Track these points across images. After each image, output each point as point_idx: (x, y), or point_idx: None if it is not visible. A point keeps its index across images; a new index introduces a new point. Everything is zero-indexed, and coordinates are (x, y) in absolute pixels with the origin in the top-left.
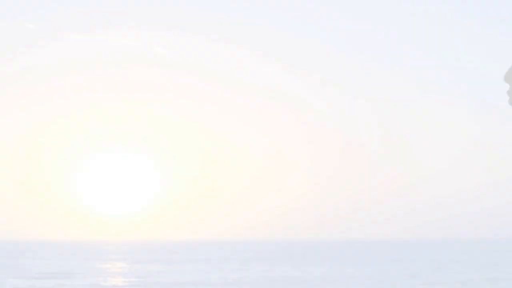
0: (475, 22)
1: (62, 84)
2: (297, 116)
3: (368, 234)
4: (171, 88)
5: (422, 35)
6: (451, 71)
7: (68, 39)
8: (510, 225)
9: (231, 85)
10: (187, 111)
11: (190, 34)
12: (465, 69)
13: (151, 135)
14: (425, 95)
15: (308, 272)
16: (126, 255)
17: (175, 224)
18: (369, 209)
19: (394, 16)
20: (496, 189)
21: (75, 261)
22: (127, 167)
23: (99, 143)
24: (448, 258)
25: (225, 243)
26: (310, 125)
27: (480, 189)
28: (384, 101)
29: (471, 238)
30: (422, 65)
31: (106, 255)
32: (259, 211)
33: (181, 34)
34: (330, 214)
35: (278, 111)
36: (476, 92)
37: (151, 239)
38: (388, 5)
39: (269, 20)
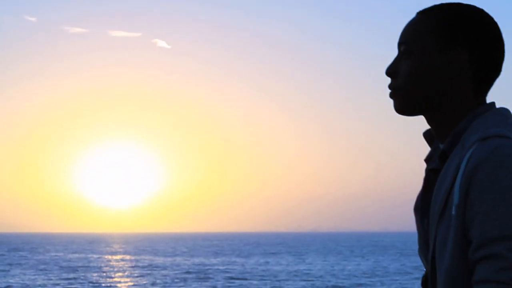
0: None
1: (63, 76)
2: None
3: None
4: (173, 81)
5: None
6: None
7: (69, 33)
8: None
9: (237, 79)
10: (192, 105)
11: (194, 27)
12: None
13: (155, 128)
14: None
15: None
16: (133, 248)
17: (177, 217)
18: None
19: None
20: None
21: (87, 254)
22: (130, 160)
23: (101, 136)
24: None
25: (228, 236)
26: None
27: None
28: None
29: None
30: None
31: (111, 248)
32: (263, 204)
33: (184, 27)
34: None
35: (289, 105)
36: None
37: (155, 232)
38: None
39: (270, 15)
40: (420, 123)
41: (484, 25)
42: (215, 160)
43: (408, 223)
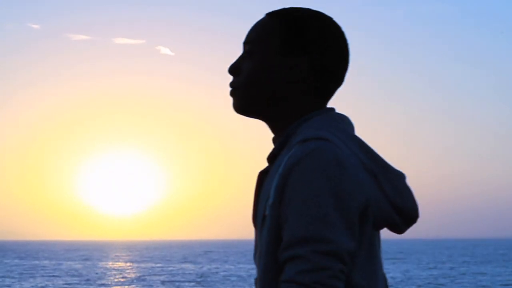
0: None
1: (66, 83)
2: None
3: None
4: (177, 88)
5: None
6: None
7: (72, 40)
8: None
9: None
10: (195, 112)
11: (197, 34)
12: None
13: (158, 135)
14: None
15: None
16: (135, 257)
17: (180, 225)
18: None
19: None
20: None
21: (91, 262)
22: (132, 168)
23: (104, 144)
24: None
25: (229, 243)
26: None
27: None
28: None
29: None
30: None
31: (114, 256)
32: None
33: (188, 34)
34: None
35: None
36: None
37: (158, 240)
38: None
39: None
40: (420, 127)
41: (328, 35)
42: (217, 167)
43: (413, 229)
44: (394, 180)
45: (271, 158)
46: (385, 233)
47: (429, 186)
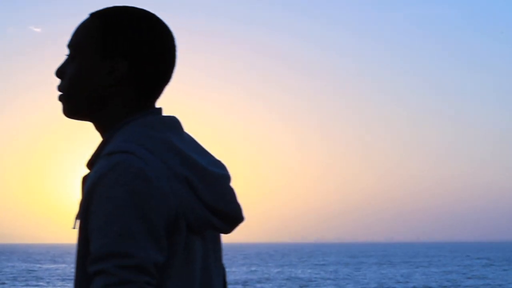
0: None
1: None
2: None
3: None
4: (177, 90)
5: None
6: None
7: None
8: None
9: (238, 90)
10: (192, 115)
11: (196, 38)
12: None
13: None
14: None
15: None
16: None
17: None
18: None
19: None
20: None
21: None
22: None
23: None
24: None
25: (233, 247)
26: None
27: None
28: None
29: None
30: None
31: None
32: (266, 215)
33: (187, 36)
34: None
35: (291, 109)
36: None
37: None
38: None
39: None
40: (420, 130)
41: (149, 34)
42: None
43: (414, 233)
44: (213, 184)
45: (90, 164)
46: (386, 237)
47: (429, 188)
